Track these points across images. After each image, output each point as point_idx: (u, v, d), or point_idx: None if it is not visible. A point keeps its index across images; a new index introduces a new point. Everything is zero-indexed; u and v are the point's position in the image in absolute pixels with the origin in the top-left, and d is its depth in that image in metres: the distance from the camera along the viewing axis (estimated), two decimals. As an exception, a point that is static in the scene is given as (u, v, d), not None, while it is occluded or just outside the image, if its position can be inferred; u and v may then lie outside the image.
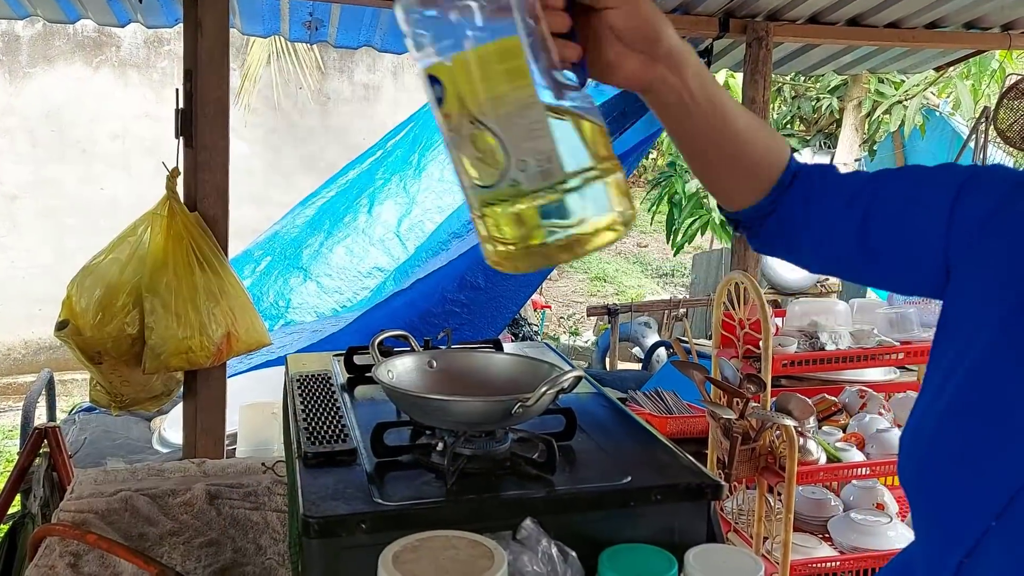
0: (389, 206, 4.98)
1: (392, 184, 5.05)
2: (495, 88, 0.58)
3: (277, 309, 4.63)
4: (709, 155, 0.87)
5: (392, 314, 4.28)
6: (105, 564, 1.28)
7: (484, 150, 0.58)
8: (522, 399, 1.02)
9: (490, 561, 0.87)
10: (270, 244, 4.90)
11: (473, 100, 0.58)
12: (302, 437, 1.12)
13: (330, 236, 4.95)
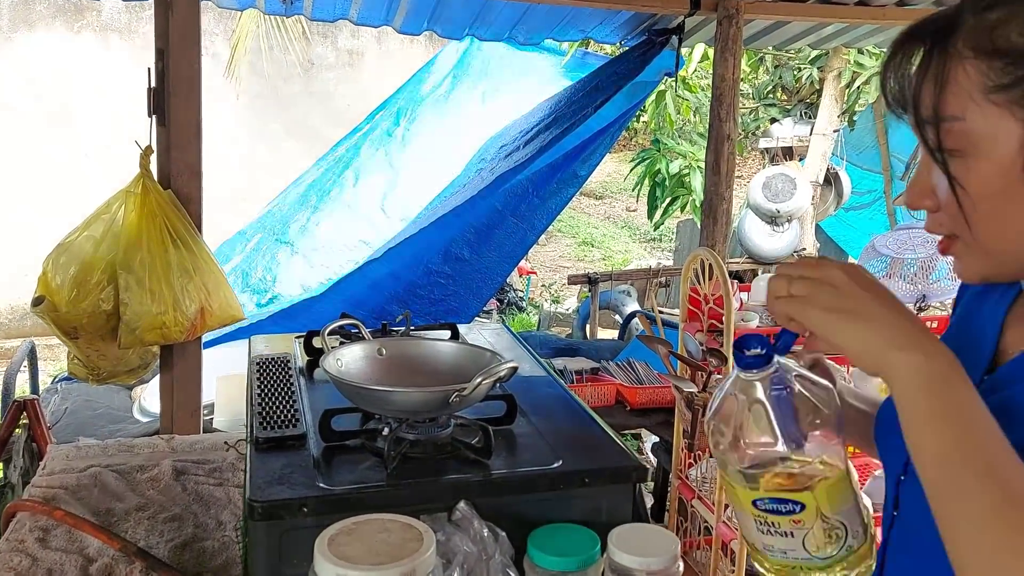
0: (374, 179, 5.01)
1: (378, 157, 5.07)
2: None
3: (264, 283, 4.67)
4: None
5: (378, 286, 4.33)
6: (72, 539, 1.34)
7: (831, 535, 0.83)
8: (459, 389, 1.08)
9: (419, 543, 0.93)
10: (261, 223, 4.93)
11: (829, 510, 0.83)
12: (255, 422, 1.19)
13: (317, 211, 4.98)
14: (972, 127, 0.78)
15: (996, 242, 0.81)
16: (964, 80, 0.78)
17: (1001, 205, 0.78)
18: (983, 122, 0.77)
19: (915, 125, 0.82)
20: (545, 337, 4.58)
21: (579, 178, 4.43)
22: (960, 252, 0.84)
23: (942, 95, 0.79)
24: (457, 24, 3.32)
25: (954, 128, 0.79)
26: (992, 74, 0.76)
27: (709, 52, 5.64)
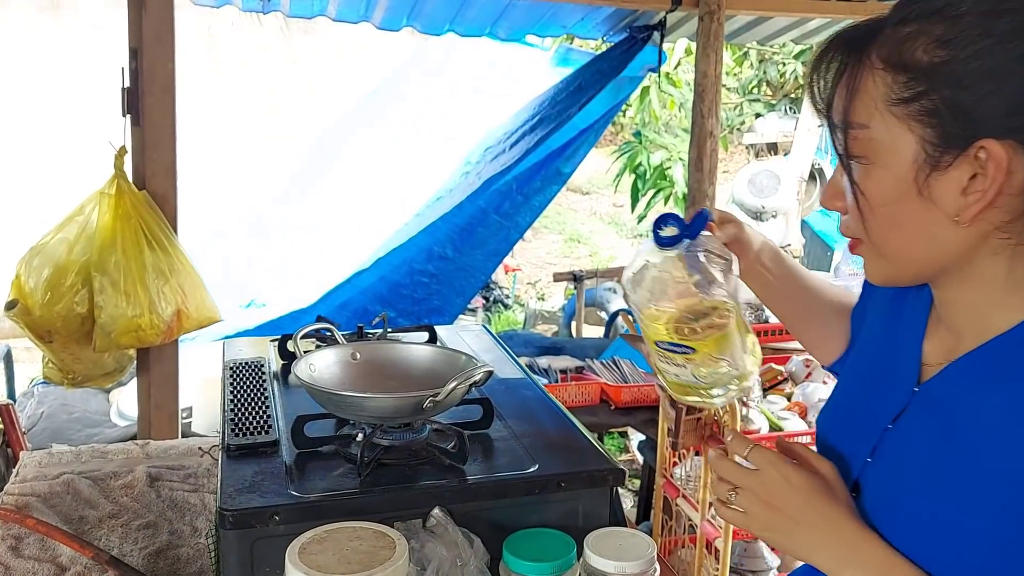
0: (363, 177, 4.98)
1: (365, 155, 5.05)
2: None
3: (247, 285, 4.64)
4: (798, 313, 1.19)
5: (364, 288, 4.32)
6: (45, 547, 1.32)
7: (716, 367, 1.01)
8: (432, 394, 1.07)
9: (391, 551, 0.92)
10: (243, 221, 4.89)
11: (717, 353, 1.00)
12: (227, 428, 1.17)
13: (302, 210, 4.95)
14: (875, 136, 0.81)
15: (891, 247, 0.86)
16: (872, 89, 0.81)
17: (896, 213, 0.83)
18: (885, 132, 0.81)
19: (828, 128, 0.86)
20: (530, 336, 4.56)
21: (563, 175, 4.42)
22: (864, 254, 0.89)
23: (852, 102, 0.82)
24: (437, 20, 3.30)
25: (860, 135, 0.82)
26: (896, 87, 0.79)
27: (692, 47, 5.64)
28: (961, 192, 0.79)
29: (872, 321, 1.04)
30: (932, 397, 0.89)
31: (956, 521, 0.81)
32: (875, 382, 0.97)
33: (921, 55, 0.78)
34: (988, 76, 0.76)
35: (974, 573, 0.80)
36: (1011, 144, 0.76)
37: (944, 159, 0.79)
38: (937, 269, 0.86)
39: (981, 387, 0.84)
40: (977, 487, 0.80)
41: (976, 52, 0.77)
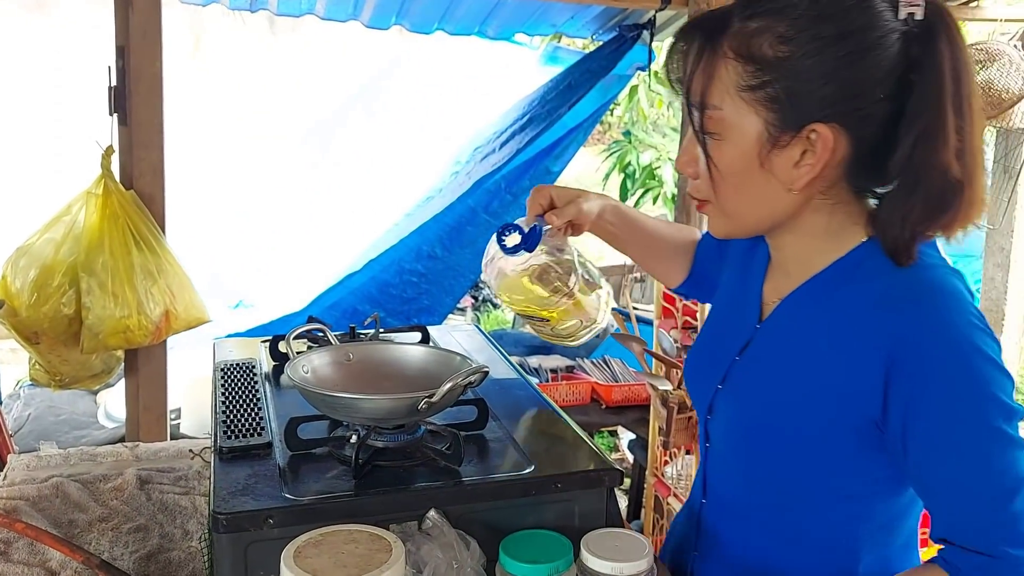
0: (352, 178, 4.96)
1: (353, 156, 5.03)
2: None
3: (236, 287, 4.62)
4: (645, 254, 1.37)
5: (353, 289, 4.30)
6: (35, 551, 1.31)
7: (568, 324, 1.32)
8: (427, 395, 1.06)
9: (388, 554, 0.91)
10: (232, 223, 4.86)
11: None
12: (219, 431, 1.16)
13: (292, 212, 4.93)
14: (727, 116, 0.96)
15: (736, 208, 1.02)
16: (725, 76, 0.95)
17: (742, 181, 0.98)
18: (735, 114, 0.95)
19: (686, 106, 1.00)
20: (519, 335, 4.56)
21: (552, 174, 4.41)
22: (710, 213, 1.05)
23: (708, 87, 0.96)
24: (426, 18, 3.29)
25: (714, 115, 0.97)
26: (745, 75, 0.94)
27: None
28: (794, 165, 0.96)
29: (729, 272, 1.22)
30: (769, 330, 1.08)
31: (783, 428, 1.01)
32: (728, 322, 1.17)
33: (767, 49, 0.93)
34: (819, 71, 0.92)
35: (794, 473, 1.02)
36: (835, 126, 0.93)
37: (782, 138, 0.94)
38: (771, 225, 1.03)
39: (805, 316, 1.03)
40: (801, 398, 1.00)
41: (809, 51, 0.91)
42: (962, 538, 0.93)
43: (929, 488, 0.96)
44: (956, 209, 0.95)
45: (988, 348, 0.92)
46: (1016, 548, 0.90)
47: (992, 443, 0.90)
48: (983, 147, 0.98)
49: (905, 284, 0.96)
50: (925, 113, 0.92)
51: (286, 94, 7.66)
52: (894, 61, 0.92)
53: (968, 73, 0.94)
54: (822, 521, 1.04)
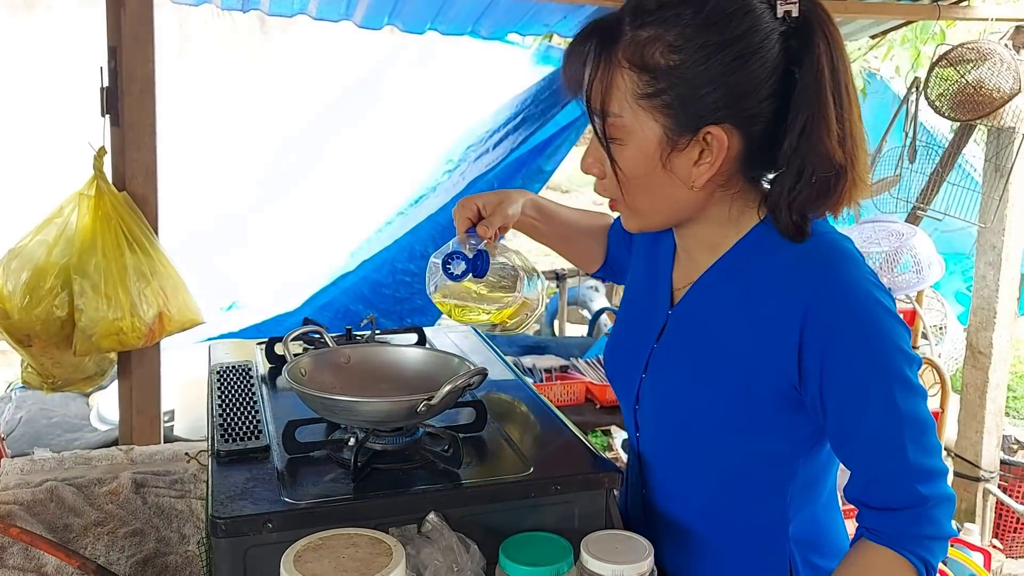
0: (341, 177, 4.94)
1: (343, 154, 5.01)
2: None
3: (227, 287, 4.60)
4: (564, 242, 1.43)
5: (345, 288, 4.29)
6: (30, 556, 1.30)
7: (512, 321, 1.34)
8: (426, 398, 1.06)
9: (388, 558, 0.91)
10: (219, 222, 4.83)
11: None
12: (216, 434, 1.15)
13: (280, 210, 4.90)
14: (627, 123, 1.01)
15: (644, 206, 1.08)
16: (622, 85, 1.00)
17: (646, 182, 1.04)
18: (634, 121, 1.01)
19: (587, 112, 1.04)
20: (513, 335, 4.55)
21: (544, 173, 4.41)
22: (621, 211, 1.12)
23: (607, 96, 1.01)
24: (418, 18, 3.28)
25: (615, 122, 1.01)
26: (640, 84, 0.99)
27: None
28: (694, 164, 1.02)
29: (637, 262, 1.28)
30: (682, 313, 1.14)
31: (708, 405, 1.08)
32: (642, 310, 1.23)
33: (659, 58, 0.98)
34: (707, 77, 0.97)
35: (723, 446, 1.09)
36: (728, 127, 1.00)
37: (680, 141, 1.01)
38: (679, 219, 1.11)
39: (716, 296, 1.10)
40: (722, 374, 1.06)
41: (698, 58, 0.97)
42: (877, 498, 1.01)
43: (845, 442, 1.03)
44: (840, 191, 1.03)
45: (888, 302, 1.01)
46: (925, 486, 0.99)
47: (900, 389, 0.99)
48: (863, 130, 1.04)
49: (807, 252, 1.04)
50: (807, 105, 0.99)
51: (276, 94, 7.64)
52: (776, 60, 0.99)
53: (844, 62, 1.01)
54: (753, 489, 1.11)
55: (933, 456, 1.01)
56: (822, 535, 1.16)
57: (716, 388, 1.08)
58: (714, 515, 1.14)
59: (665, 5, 0.99)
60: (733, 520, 1.13)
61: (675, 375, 1.13)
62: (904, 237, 3.05)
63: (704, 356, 1.10)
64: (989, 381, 3.56)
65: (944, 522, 1.01)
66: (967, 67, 3.35)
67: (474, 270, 1.23)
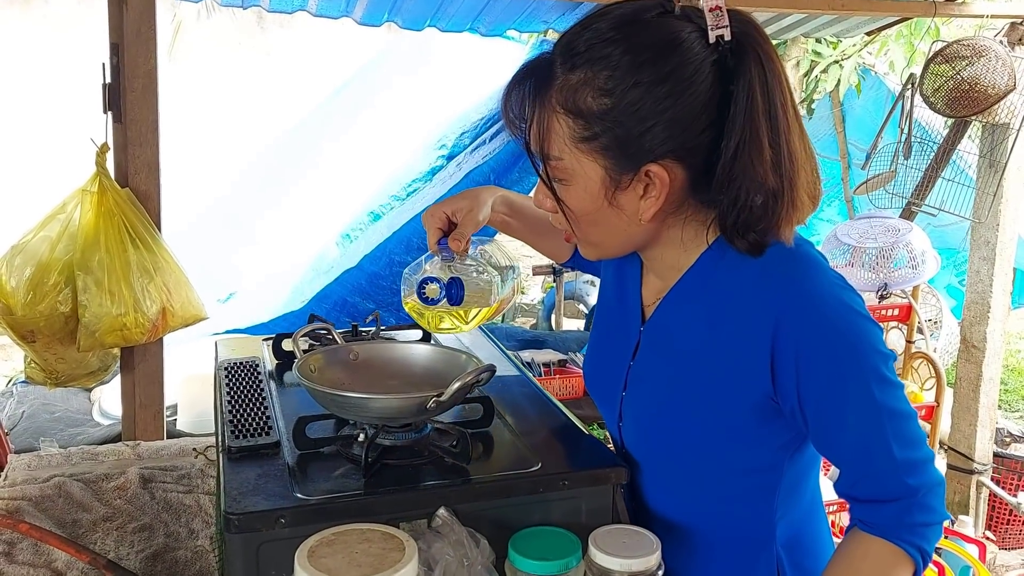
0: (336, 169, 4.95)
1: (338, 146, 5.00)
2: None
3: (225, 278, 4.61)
4: (535, 236, 1.41)
5: (342, 280, 4.30)
6: (39, 552, 1.31)
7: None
8: (436, 395, 1.07)
9: (401, 553, 0.92)
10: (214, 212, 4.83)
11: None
12: (226, 430, 1.16)
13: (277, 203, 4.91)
14: (568, 165, 1.01)
15: (597, 239, 1.09)
16: (559, 130, 1.00)
17: (595, 218, 1.05)
18: (575, 163, 1.01)
19: (528, 155, 1.05)
20: (511, 329, 4.57)
21: (541, 167, 4.42)
22: (577, 242, 1.13)
23: (546, 140, 1.01)
24: (418, 15, 3.29)
25: (557, 165, 1.02)
26: (576, 128, 0.99)
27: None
28: (640, 199, 1.02)
29: (606, 276, 1.29)
30: (653, 330, 1.15)
31: (689, 420, 1.08)
32: (614, 328, 1.23)
33: (591, 103, 0.97)
34: (642, 117, 0.96)
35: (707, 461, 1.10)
36: (668, 161, 0.99)
37: (623, 180, 1.01)
38: (634, 248, 1.11)
39: (685, 311, 1.11)
40: (699, 388, 1.07)
41: (632, 99, 0.96)
42: (866, 491, 1.03)
43: (829, 444, 1.04)
44: (779, 215, 1.02)
45: (857, 304, 1.01)
46: (913, 477, 1.00)
47: (877, 386, 0.99)
48: (805, 150, 1.03)
49: (771, 263, 1.04)
50: (738, 130, 0.97)
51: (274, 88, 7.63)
52: (711, 90, 0.97)
53: (780, 83, 0.99)
54: (740, 498, 1.12)
55: (917, 446, 1.02)
56: (806, 535, 1.17)
57: (693, 402, 1.08)
58: (701, 523, 1.15)
59: (594, 46, 0.98)
60: (720, 527, 1.14)
61: (653, 391, 1.14)
62: (900, 233, 3.07)
63: (679, 371, 1.10)
64: (983, 375, 3.59)
65: (936, 507, 1.03)
66: (962, 63, 3.37)
67: (449, 298, 1.23)
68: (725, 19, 0.97)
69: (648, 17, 0.98)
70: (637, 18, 0.98)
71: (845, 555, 1.06)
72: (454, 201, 1.28)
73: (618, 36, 0.97)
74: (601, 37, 0.98)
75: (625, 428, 1.19)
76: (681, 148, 0.99)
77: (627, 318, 1.20)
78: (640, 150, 0.98)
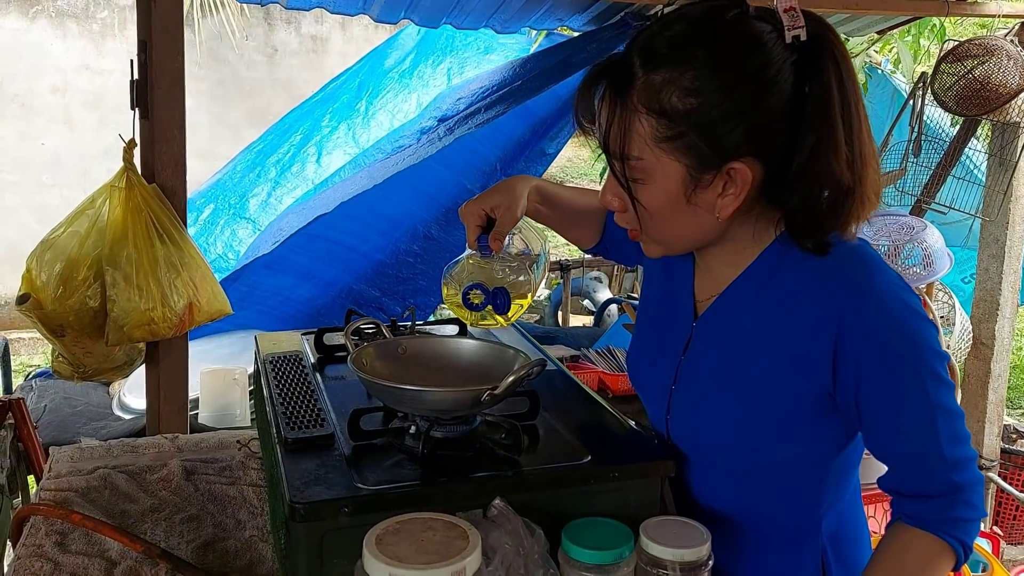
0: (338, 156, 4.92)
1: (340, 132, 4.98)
2: None
3: (226, 261, 4.60)
4: (565, 225, 1.42)
5: (348, 267, 4.29)
6: (91, 542, 1.33)
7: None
8: (491, 388, 1.10)
9: (466, 541, 0.95)
10: (213, 192, 4.79)
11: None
12: (281, 423, 1.19)
13: (278, 186, 4.87)
14: (648, 165, 1.03)
15: (667, 238, 1.10)
16: (640, 130, 1.01)
17: (669, 217, 1.07)
18: (656, 162, 1.02)
19: (605, 154, 1.06)
20: (524, 325, 4.60)
21: (547, 156, 4.41)
22: (643, 240, 1.13)
23: (626, 140, 1.02)
24: (434, 12, 3.30)
25: (636, 165, 1.03)
26: (660, 128, 1.00)
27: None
28: (718, 197, 1.04)
29: (651, 275, 1.31)
30: (707, 326, 1.17)
31: (743, 414, 1.10)
32: (663, 323, 1.25)
33: (676, 103, 0.99)
34: (727, 117, 0.98)
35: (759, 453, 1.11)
36: (750, 159, 1.01)
37: (704, 178, 1.02)
38: (702, 245, 1.13)
39: (743, 307, 1.12)
40: (756, 383, 1.08)
41: (716, 99, 0.98)
42: (914, 486, 1.06)
43: (882, 440, 1.06)
44: (848, 211, 1.05)
45: (916, 305, 1.04)
46: (959, 475, 1.04)
47: (933, 386, 1.02)
48: (873, 148, 1.06)
49: (834, 263, 1.06)
50: (816, 128, 1.00)
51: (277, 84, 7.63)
52: (791, 89, 0.99)
53: (853, 82, 1.02)
54: (788, 491, 1.15)
55: (964, 445, 1.06)
56: (849, 526, 1.20)
57: (749, 398, 1.10)
58: (748, 515, 1.18)
59: (677, 46, 0.99)
60: (767, 519, 1.17)
61: (706, 386, 1.16)
62: (915, 231, 3.10)
63: (734, 367, 1.12)
64: (991, 372, 3.62)
65: (978, 504, 1.07)
66: (973, 63, 3.40)
67: (495, 307, 1.27)
68: (801, 20, 0.99)
69: (728, 18, 1.00)
70: (717, 19, 1.00)
71: (890, 548, 1.09)
72: (491, 197, 1.29)
73: (701, 36, 0.99)
74: (683, 37, 1.00)
75: (673, 421, 1.21)
76: (762, 146, 1.01)
77: (677, 313, 1.22)
78: (724, 148, 1.00)
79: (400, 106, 4.98)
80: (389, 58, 5.08)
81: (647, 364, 1.28)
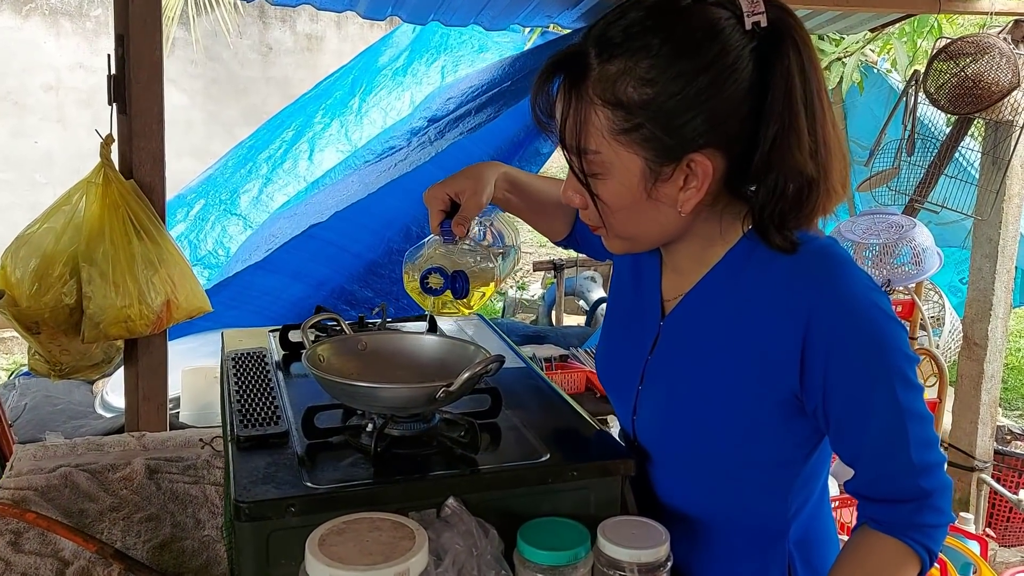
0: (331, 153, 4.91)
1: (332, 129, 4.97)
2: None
3: (216, 257, 4.58)
4: (534, 215, 1.37)
5: (340, 267, 4.28)
6: (46, 542, 1.31)
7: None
8: (446, 385, 1.07)
9: (411, 542, 0.92)
10: (204, 187, 4.77)
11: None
12: (235, 420, 1.16)
13: (269, 182, 4.86)
14: (606, 159, 0.99)
15: (629, 234, 1.07)
16: (597, 122, 0.98)
17: (631, 212, 1.03)
18: (614, 156, 0.99)
19: (562, 149, 1.02)
20: (512, 324, 4.58)
21: (542, 156, 4.40)
22: (606, 236, 1.10)
23: (583, 133, 0.99)
24: (422, 9, 3.28)
25: (594, 159, 1.00)
26: (616, 120, 0.97)
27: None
28: (679, 190, 1.00)
29: (620, 272, 1.28)
30: (674, 325, 1.14)
31: (709, 415, 1.07)
32: (631, 321, 1.22)
33: (632, 93, 0.95)
34: (686, 106, 0.95)
35: (725, 455, 1.08)
36: (711, 151, 0.98)
37: (664, 171, 0.99)
38: (666, 240, 1.10)
39: (710, 306, 1.10)
40: (722, 384, 1.06)
41: (673, 89, 0.94)
42: (880, 491, 1.03)
43: (849, 443, 1.04)
44: (813, 203, 1.01)
45: (885, 306, 1.01)
46: (927, 480, 1.01)
47: (903, 389, 1.00)
48: (838, 137, 1.02)
49: (802, 262, 1.03)
50: (777, 117, 0.96)
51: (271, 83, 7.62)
52: (751, 77, 0.96)
53: (816, 69, 0.99)
54: (754, 495, 1.12)
55: (933, 450, 1.03)
56: (816, 531, 1.17)
57: (715, 397, 1.08)
58: (714, 517, 1.15)
59: (632, 35, 0.95)
60: (734, 522, 1.14)
61: (672, 386, 1.13)
62: (904, 229, 3.07)
63: (701, 367, 1.09)
64: (984, 372, 3.59)
65: (946, 509, 1.04)
66: (966, 60, 3.37)
67: (454, 291, 1.23)
68: (761, 5, 0.96)
69: (685, 4, 0.96)
70: (674, 6, 0.97)
71: (854, 552, 1.06)
72: (456, 181, 1.25)
73: (657, 24, 0.95)
74: (639, 26, 0.96)
75: (640, 421, 1.19)
76: (722, 137, 0.98)
77: (645, 311, 1.19)
78: (682, 140, 0.97)
79: (393, 103, 4.97)
80: (383, 55, 5.07)
81: (615, 363, 1.26)
